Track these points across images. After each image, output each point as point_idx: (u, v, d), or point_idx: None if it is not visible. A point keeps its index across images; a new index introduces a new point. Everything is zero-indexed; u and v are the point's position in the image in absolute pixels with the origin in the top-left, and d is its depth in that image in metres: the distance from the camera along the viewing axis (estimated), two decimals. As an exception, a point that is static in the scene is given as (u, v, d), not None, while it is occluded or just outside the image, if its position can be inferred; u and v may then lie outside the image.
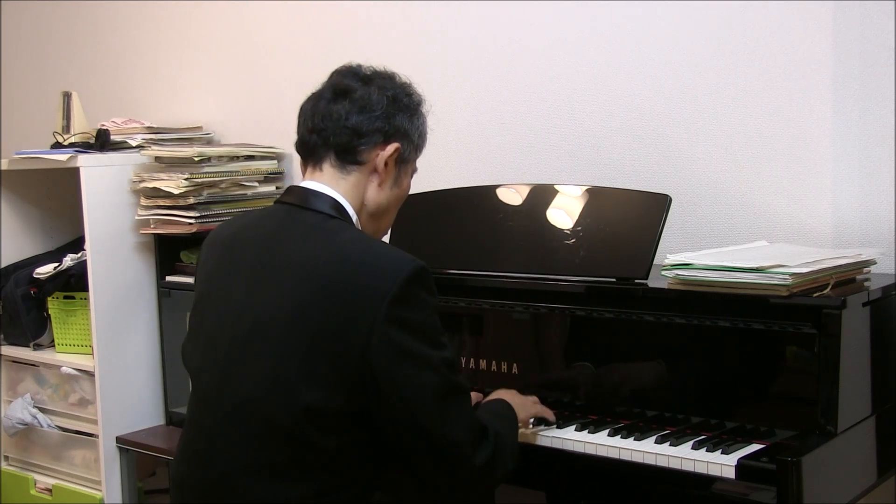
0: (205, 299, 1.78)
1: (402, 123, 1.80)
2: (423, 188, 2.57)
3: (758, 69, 2.29)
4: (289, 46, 3.16)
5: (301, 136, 1.82)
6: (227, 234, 1.82)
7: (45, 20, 4.00)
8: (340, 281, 1.61)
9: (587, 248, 2.10)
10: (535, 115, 2.65)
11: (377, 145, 1.78)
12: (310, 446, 1.61)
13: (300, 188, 1.78)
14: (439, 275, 2.31)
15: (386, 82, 1.83)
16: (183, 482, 1.76)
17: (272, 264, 1.68)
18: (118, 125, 3.21)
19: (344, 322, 1.59)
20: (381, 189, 1.80)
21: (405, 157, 1.83)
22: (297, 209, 1.75)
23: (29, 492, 3.27)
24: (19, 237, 3.42)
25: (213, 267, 1.79)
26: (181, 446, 1.79)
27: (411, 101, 1.85)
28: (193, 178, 2.91)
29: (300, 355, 1.60)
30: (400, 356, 1.59)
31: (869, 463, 1.91)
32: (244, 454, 1.64)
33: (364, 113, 1.77)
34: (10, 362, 3.35)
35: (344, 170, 1.77)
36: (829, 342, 1.76)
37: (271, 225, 1.75)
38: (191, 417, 1.78)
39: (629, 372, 2.03)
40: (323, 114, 1.78)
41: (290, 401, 1.60)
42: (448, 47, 2.80)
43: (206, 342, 1.74)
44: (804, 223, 2.25)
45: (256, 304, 1.67)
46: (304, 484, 1.62)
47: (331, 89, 1.81)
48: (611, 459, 1.85)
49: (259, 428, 1.63)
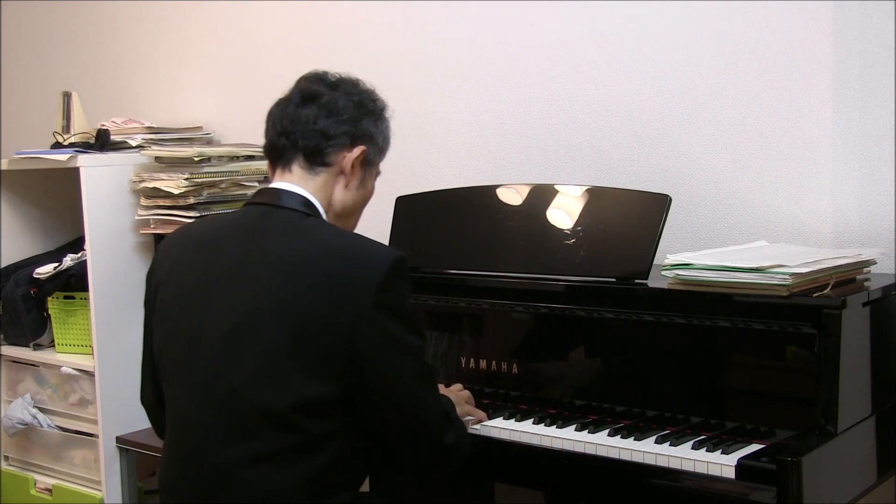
0: (181, 300, 1.80)
1: (367, 127, 1.88)
2: (423, 188, 2.58)
3: (758, 69, 2.29)
4: (289, 46, 3.16)
5: (270, 139, 1.89)
6: (200, 235, 1.86)
7: (45, 20, 4.00)
8: (324, 273, 1.68)
9: (587, 248, 2.10)
10: (535, 115, 2.65)
11: (344, 148, 1.85)
12: (302, 434, 1.66)
13: (271, 189, 1.85)
14: (439, 275, 2.31)
15: (352, 88, 1.91)
16: (175, 484, 1.77)
17: (253, 261, 1.73)
18: (118, 125, 3.21)
19: (330, 312, 1.65)
20: (347, 190, 1.88)
21: (370, 159, 1.90)
22: (272, 208, 1.81)
23: (29, 492, 3.27)
24: (19, 237, 3.42)
25: (187, 268, 1.81)
26: (168, 449, 1.81)
27: (376, 106, 1.92)
28: (193, 178, 2.91)
29: (288, 347, 1.66)
30: (385, 342, 1.68)
31: (869, 463, 1.91)
32: (237, 447, 1.67)
33: (332, 117, 1.84)
34: (10, 362, 3.35)
35: (312, 171, 1.84)
36: (829, 342, 1.76)
37: (247, 224, 1.81)
38: (175, 418, 1.79)
39: (629, 372, 2.03)
40: (292, 118, 1.85)
41: (281, 392, 1.65)
42: (448, 47, 2.80)
43: (190, 341, 1.76)
44: (804, 223, 2.25)
45: (241, 300, 1.71)
46: (298, 470, 1.67)
47: (299, 94, 1.88)
48: (611, 459, 1.85)
49: (252, 421, 1.67)
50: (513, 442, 1.98)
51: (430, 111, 2.86)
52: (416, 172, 2.87)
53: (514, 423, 2.02)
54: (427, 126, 2.86)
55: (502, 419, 2.05)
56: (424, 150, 2.87)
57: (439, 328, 2.32)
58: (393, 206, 2.44)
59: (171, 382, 1.81)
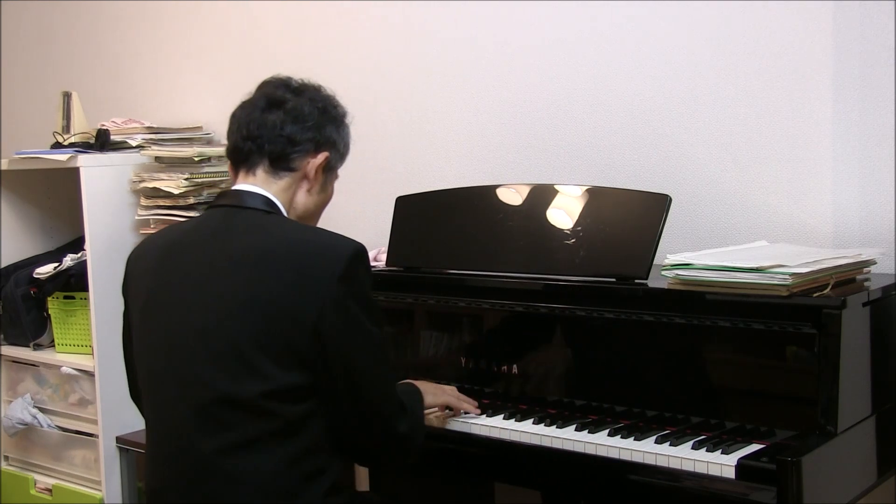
0: (152, 306, 1.84)
1: (331, 134, 1.93)
2: (424, 188, 2.58)
3: (758, 69, 2.29)
4: (289, 47, 3.16)
5: (234, 142, 1.92)
6: (164, 243, 1.90)
7: (46, 20, 4.00)
8: (288, 266, 1.72)
9: (587, 248, 2.10)
10: (535, 115, 2.65)
11: (308, 154, 1.89)
12: (277, 419, 1.70)
13: (234, 191, 1.89)
14: (439, 275, 2.31)
15: (315, 94, 1.95)
16: (163, 489, 1.81)
17: (219, 260, 1.78)
18: (118, 125, 3.21)
19: (295, 303, 1.70)
20: (309, 194, 1.92)
21: (332, 165, 1.95)
22: (235, 209, 1.85)
23: (29, 492, 3.27)
24: (19, 237, 3.42)
25: (154, 275, 1.85)
26: (151, 452, 1.85)
27: (338, 113, 1.97)
28: (193, 178, 2.91)
29: (258, 339, 1.70)
30: (347, 327, 1.72)
31: (869, 463, 1.91)
32: (215, 438, 1.71)
33: (298, 123, 1.88)
34: (10, 362, 3.35)
35: (276, 175, 1.88)
36: (829, 342, 1.76)
37: (212, 226, 1.85)
38: (155, 423, 1.83)
39: (629, 372, 2.03)
40: (258, 122, 1.88)
41: (255, 382, 1.69)
42: (448, 47, 2.80)
43: (164, 347, 1.79)
44: (804, 223, 2.25)
45: (209, 299, 1.75)
46: (277, 453, 1.71)
47: (264, 99, 1.91)
48: (611, 459, 1.85)
49: (228, 412, 1.71)
50: (513, 442, 1.98)
51: (430, 111, 2.86)
52: (416, 172, 2.87)
53: (514, 423, 2.02)
54: (427, 126, 2.86)
55: (502, 419, 2.05)
56: (424, 150, 2.87)
57: (439, 328, 2.32)
58: (393, 206, 2.44)
59: (150, 389, 1.84)
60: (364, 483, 2.88)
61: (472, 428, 2.04)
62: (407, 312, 2.36)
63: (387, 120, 2.94)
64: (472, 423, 2.05)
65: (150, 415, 1.85)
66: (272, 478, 1.70)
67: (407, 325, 2.37)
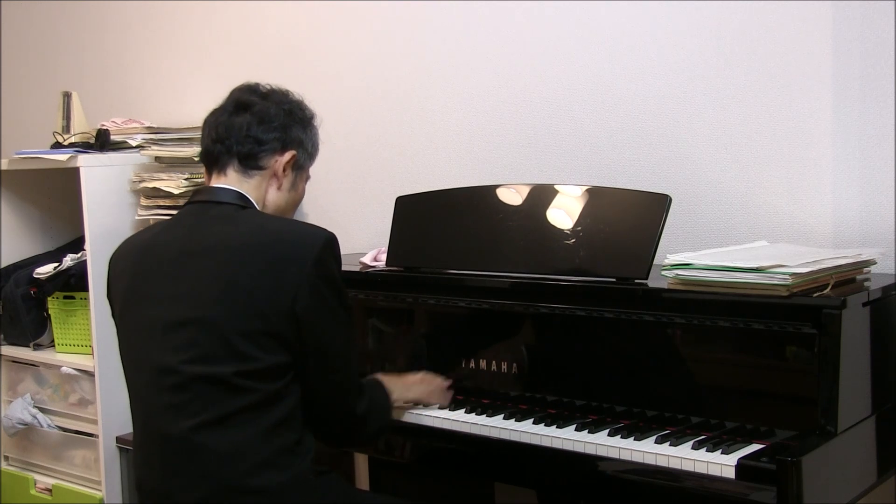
0: (131, 302, 1.92)
1: (297, 134, 2.03)
2: (423, 188, 2.57)
3: (758, 69, 2.29)
4: (289, 47, 3.16)
5: (205, 146, 2.02)
6: (141, 242, 1.98)
7: (46, 20, 4.00)
8: (263, 253, 1.82)
9: (587, 248, 2.10)
10: (534, 115, 2.65)
11: (276, 152, 2.00)
12: (256, 393, 1.79)
13: (208, 188, 1.99)
14: (439, 275, 2.31)
15: (282, 98, 2.05)
16: (146, 476, 1.87)
17: (195, 252, 1.87)
18: (118, 125, 3.21)
19: (271, 288, 1.80)
20: (279, 192, 2.02)
21: (300, 163, 2.05)
22: (209, 204, 1.95)
23: (29, 492, 3.27)
24: (19, 237, 3.42)
25: (132, 275, 1.93)
26: (136, 443, 1.91)
27: (305, 115, 2.07)
28: (193, 178, 2.91)
29: (237, 323, 1.79)
30: (319, 307, 1.82)
31: (869, 463, 1.91)
32: (194, 418, 1.78)
33: (263, 124, 1.99)
34: (10, 362, 3.35)
35: (246, 174, 1.99)
36: (829, 342, 1.76)
37: (185, 221, 1.94)
38: (137, 412, 1.90)
39: (629, 372, 2.03)
40: (226, 125, 1.98)
41: (235, 364, 1.78)
42: (448, 47, 2.80)
43: (142, 334, 1.87)
44: (804, 223, 2.25)
45: (186, 288, 1.83)
46: (254, 426, 1.79)
47: (232, 104, 2.01)
48: (611, 459, 1.85)
49: (207, 391, 1.78)
50: (513, 442, 1.99)
51: (430, 111, 2.86)
52: (416, 172, 2.87)
53: (514, 423, 2.02)
54: (427, 126, 2.86)
55: (502, 419, 2.05)
56: (424, 150, 2.87)
57: (439, 328, 2.32)
58: (393, 206, 2.44)
59: (131, 380, 1.91)
60: (364, 483, 2.88)
61: (471, 428, 2.04)
62: (407, 312, 2.36)
63: (387, 120, 2.94)
64: (472, 423, 2.05)
65: (133, 405, 1.92)
66: (251, 450, 1.77)
67: (407, 325, 2.37)
